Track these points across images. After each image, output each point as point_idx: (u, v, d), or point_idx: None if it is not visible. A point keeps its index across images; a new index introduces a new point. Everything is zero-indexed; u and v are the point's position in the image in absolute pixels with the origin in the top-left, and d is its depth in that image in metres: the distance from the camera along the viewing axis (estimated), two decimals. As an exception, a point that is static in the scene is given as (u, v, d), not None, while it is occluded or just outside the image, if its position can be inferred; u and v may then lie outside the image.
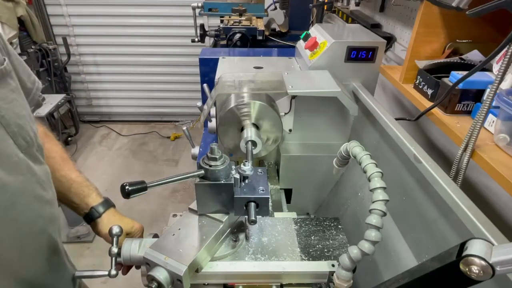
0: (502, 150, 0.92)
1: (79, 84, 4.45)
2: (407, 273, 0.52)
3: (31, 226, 0.71)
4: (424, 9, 1.23)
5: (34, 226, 0.72)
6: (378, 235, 0.66)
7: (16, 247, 0.69)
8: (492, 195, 1.12)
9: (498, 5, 0.81)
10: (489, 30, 1.24)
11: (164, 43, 4.21)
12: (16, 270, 0.70)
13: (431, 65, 1.25)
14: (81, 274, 0.86)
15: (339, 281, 0.73)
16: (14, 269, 0.70)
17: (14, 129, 0.63)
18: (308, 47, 1.33)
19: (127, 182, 0.66)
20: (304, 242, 0.88)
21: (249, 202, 0.78)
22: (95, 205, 0.92)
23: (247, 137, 1.07)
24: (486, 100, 0.87)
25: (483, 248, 0.42)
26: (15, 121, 0.63)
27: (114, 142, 4.29)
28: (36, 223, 0.73)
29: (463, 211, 0.66)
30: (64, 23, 4.06)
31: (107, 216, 0.92)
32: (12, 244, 0.67)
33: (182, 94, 4.54)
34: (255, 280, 0.82)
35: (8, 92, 0.62)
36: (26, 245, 0.71)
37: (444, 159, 1.37)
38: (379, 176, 0.70)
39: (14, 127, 0.63)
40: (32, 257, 0.74)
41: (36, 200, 0.71)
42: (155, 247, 0.75)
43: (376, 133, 1.15)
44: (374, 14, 2.04)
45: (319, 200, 1.45)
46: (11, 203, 0.64)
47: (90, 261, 2.58)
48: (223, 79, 1.21)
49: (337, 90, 1.12)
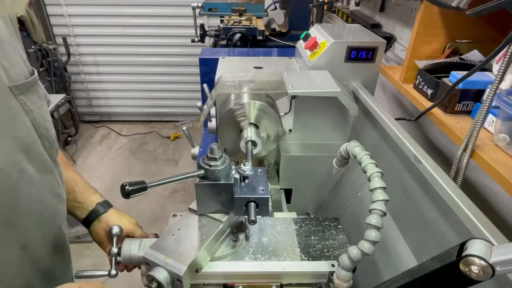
0: (502, 150, 0.92)
1: (79, 84, 4.45)
2: (407, 273, 0.52)
3: (52, 221, 0.78)
4: (424, 9, 1.23)
5: (54, 221, 0.79)
6: (378, 235, 0.66)
7: (40, 239, 0.75)
8: (492, 195, 1.12)
9: (498, 5, 0.81)
10: (489, 30, 1.24)
11: (164, 43, 4.22)
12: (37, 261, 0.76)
13: (431, 65, 1.25)
14: (81, 274, 0.86)
15: (339, 281, 0.73)
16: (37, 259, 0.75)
17: (42, 131, 0.71)
18: (308, 47, 1.33)
19: (127, 182, 0.66)
20: (304, 242, 0.88)
21: (249, 202, 0.78)
22: (101, 202, 0.95)
23: (247, 137, 1.07)
24: (486, 100, 0.87)
25: (483, 248, 0.42)
26: (43, 124, 0.71)
27: (114, 142, 4.29)
28: (55, 219, 0.80)
29: (463, 211, 0.66)
30: (64, 23, 4.06)
31: (113, 211, 0.95)
32: (37, 236, 0.74)
33: (182, 94, 4.54)
34: (255, 280, 0.82)
35: (37, 99, 0.71)
36: (48, 238, 0.78)
37: (444, 159, 1.37)
38: (379, 176, 0.70)
39: (42, 129, 0.71)
40: (50, 251, 0.79)
41: (55, 197, 0.78)
42: (155, 247, 0.75)
43: (376, 133, 1.15)
44: (374, 14, 2.04)
45: (319, 200, 1.45)
46: (39, 198, 0.72)
47: (90, 261, 2.58)
48: (223, 79, 1.21)
49: (337, 90, 1.12)
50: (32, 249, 0.73)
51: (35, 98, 0.70)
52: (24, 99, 0.66)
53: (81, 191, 0.94)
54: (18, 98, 0.65)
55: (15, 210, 0.67)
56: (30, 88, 0.68)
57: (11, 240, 0.68)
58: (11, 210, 0.66)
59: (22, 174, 0.66)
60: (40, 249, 0.76)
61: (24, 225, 0.69)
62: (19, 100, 0.65)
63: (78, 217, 0.94)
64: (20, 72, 0.66)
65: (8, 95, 0.63)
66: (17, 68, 0.66)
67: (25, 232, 0.70)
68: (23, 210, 0.68)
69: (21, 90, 0.65)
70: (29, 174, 0.68)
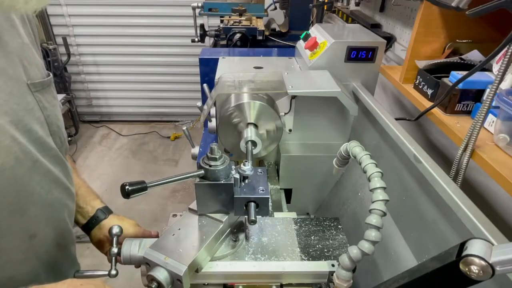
0: (502, 150, 0.92)
1: (79, 84, 4.45)
2: (407, 273, 0.52)
3: (60, 214, 0.80)
4: (424, 9, 1.23)
5: (62, 214, 0.81)
6: (378, 235, 0.66)
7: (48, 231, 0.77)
8: (492, 195, 1.12)
9: (498, 5, 0.81)
10: (489, 30, 1.24)
11: (164, 43, 4.21)
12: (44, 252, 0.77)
13: (431, 65, 1.25)
14: (81, 274, 0.86)
15: (339, 281, 0.73)
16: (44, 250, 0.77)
17: (54, 128, 0.75)
18: (308, 47, 1.33)
19: (127, 182, 0.66)
20: (304, 242, 0.88)
21: (249, 202, 0.78)
22: (101, 207, 0.96)
23: (247, 137, 1.07)
24: (486, 100, 0.87)
25: (483, 248, 0.42)
26: (56, 122, 0.75)
27: (114, 142, 4.29)
28: (64, 213, 0.82)
29: (463, 211, 0.66)
30: (64, 23, 4.06)
31: (113, 217, 0.96)
32: (45, 227, 0.76)
33: (182, 94, 4.54)
34: (255, 280, 0.82)
35: (51, 98, 0.75)
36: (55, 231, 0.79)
37: (444, 159, 1.37)
38: (379, 176, 0.70)
39: (54, 126, 0.75)
40: (56, 244, 0.81)
41: (64, 192, 0.80)
42: (155, 247, 0.75)
43: (376, 133, 1.15)
44: (374, 14, 2.04)
45: (319, 200, 1.45)
46: (49, 189, 0.74)
47: (90, 261, 2.58)
48: (223, 79, 1.21)
49: (337, 90, 1.12)
50: (40, 239, 0.75)
51: (50, 97, 0.74)
52: (39, 96, 0.70)
53: (83, 195, 0.95)
54: (35, 95, 0.69)
55: (27, 198, 0.69)
56: (45, 87, 0.73)
57: (21, 227, 0.69)
58: (23, 197, 0.68)
59: (36, 165, 0.69)
60: (47, 241, 0.77)
61: (34, 214, 0.71)
62: (35, 97, 0.69)
63: (78, 221, 0.95)
64: (37, 72, 0.71)
65: (26, 91, 0.67)
66: (35, 68, 0.71)
67: (34, 221, 0.72)
68: (35, 199, 0.71)
69: (37, 88, 0.70)
70: (42, 165, 0.71)
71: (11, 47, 0.65)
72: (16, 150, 0.63)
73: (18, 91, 0.65)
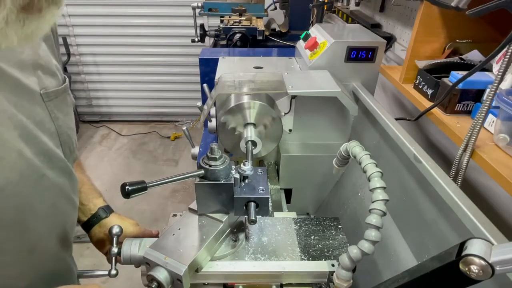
0: (502, 150, 0.92)
1: (79, 84, 4.45)
2: (407, 273, 0.52)
3: (62, 226, 0.79)
4: (424, 9, 1.23)
5: (63, 226, 0.79)
6: (378, 235, 0.66)
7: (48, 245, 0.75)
8: (492, 195, 1.12)
9: (498, 5, 0.81)
10: (489, 30, 1.24)
11: (164, 43, 4.21)
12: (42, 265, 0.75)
13: (431, 65, 1.25)
14: (81, 274, 0.86)
15: (339, 281, 0.73)
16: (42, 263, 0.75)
17: (65, 138, 0.73)
18: (308, 47, 1.33)
19: (127, 182, 0.66)
20: (304, 242, 0.88)
21: (249, 202, 0.78)
22: (103, 206, 0.95)
23: (247, 137, 1.07)
24: (486, 100, 0.87)
25: (483, 248, 0.42)
26: (66, 131, 0.73)
27: (114, 142, 4.29)
28: (65, 225, 0.80)
29: (463, 211, 0.66)
30: (64, 23, 4.06)
31: (114, 216, 0.96)
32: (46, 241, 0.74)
33: (182, 94, 4.54)
34: (255, 280, 0.82)
35: (65, 106, 0.73)
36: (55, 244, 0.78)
37: (444, 159, 1.37)
38: (379, 176, 0.70)
39: (65, 136, 0.73)
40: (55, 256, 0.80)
41: (68, 203, 0.79)
42: (155, 247, 0.75)
43: (376, 133, 1.15)
44: (374, 14, 2.04)
45: (319, 200, 1.45)
46: (54, 202, 0.73)
47: (90, 261, 2.58)
48: (223, 79, 1.21)
49: (337, 90, 1.12)
50: (39, 253, 0.73)
51: (63, 105, 0.72)
52: (52, 106, 0.69)
53: (86, 192, 0.94)
54: (47, 105, 0.67)
55: (29, 213, 0.67)
56: (59, 95, 0.71)
57: (20, 243, 0.68)
58: (25, 213, 0.66)
59: (43, 179, 0.67)
60: (46, 255, 0.76)
61: (35, 229, 0.69)
62: (47, 107, 0.68)
63: (79, 219, 0.93)
64: (52, 80, 0.69)
65: (38, 101, 0.66)
66: (49, 77, 0.69)
67: (34, 236, 0.70)
68: (37, 214, 0.69)
69: (50, 98, 0.68)
70: (48, 179, 0.69)
71: (26, 54, 0.63)
72: (22, 165, 0.61)
73: (29, 102, 0.63)
